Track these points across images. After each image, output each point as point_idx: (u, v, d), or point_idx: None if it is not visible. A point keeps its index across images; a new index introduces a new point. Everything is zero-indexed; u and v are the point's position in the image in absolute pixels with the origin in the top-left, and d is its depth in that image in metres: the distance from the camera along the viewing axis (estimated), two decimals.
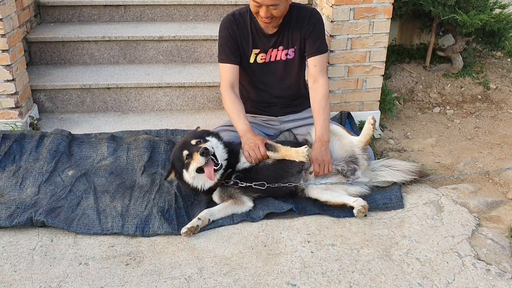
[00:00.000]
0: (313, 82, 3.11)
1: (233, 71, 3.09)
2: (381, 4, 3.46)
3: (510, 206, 2.98)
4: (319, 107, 3.05)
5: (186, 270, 2.46)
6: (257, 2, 2.87)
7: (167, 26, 4.42)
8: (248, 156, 2.88)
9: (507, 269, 2.47)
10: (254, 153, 2.87)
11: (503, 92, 4.50)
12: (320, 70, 3.12)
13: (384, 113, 3.96)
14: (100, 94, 3.94)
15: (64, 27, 4.36)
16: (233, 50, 3.09)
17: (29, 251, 2.58)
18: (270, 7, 2.87)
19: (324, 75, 3.13)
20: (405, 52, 4.95)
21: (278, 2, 2.86)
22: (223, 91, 3.08)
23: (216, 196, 2.89)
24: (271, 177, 2.87)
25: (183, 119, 3.89)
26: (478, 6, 4.26)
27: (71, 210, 2.83)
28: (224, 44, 3.11)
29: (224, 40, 3.11)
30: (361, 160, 2.99)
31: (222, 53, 3.11)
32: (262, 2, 2.85)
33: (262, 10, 2.89)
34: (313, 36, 3.11)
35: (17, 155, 3.26)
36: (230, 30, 3.09)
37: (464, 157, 3.55)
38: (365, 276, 2.42)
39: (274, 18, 2.95)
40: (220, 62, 3.12)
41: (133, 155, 3.28)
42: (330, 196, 2.87)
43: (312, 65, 3.12)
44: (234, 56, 3.09)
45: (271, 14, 2.91)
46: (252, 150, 2.87)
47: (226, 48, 3.10)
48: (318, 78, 3.10)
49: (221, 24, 3.15)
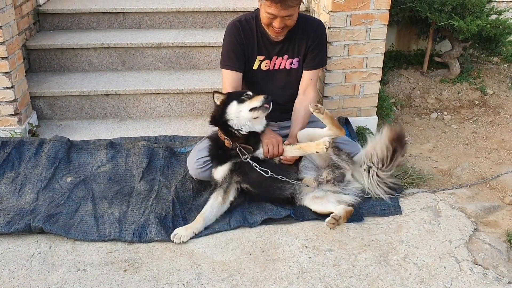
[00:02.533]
0: (303, 93, 3.18)
1: (236, 78, 3.11)
2: (377, 10, 3.48)
3: (507, 211, 2.99)
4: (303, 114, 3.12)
5: (184, 276, 2.46)
6: (272, 14, 2.85)
7: (166, 33, 4.45)
8: (266, 151, 2.89)
9: (504, 273, 2.48)
10: (272, 148, 2.89)
11: (500, 97, 4.52)
12: (313, 83, 3.19)
13: (381, 118, 3.97)
14: (99, 101, 3.96)
15: (63, 35, 4.39)
16: (238, 57, 3.10)
17: (27, 258, 2.59)
18: (286, 17, 2.88)
19: (314, 88, 3.21)
20: (402, 58, 4.98)
21: (293, 12, 2.87)
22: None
23: (219, 173, 2.90)
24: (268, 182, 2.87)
25: (181, 126, 3.91)
26: (475, 12, 4.29)
27: (70, 217, 2.84)
28: (230, 50, 3.11)
29: (230, 46, 3.11)
30: (341, 163, 2.95)
31: (227, 59, 3.11)
32: (277, 14, 2.84)
33: (277, 21, 2.89)
34: (317, 50, 3.15)
35: (16, 161, 3.27)
36: (237, 36, 3.09)
37: (461, 162, 3.56)
38: (363, 281, 2.43)
39: (286, 27, 2.97)
40: (223, 68, 3.13)
41: (131, 162, 3.29)
42: (319, 206, 2.87)
43: (308, 78, 3.18)
44: (239, 63, 3.10)
45: (284, 24, 2.92)
46: (272, 145, 2.90)
47: (231, 54, 3.10)
48: (309, 90, 3.17)
49: (227, 30, 3.15)
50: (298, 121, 3.13)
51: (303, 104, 3.14)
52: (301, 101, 3.17)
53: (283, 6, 2.80)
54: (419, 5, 4.28)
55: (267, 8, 2.85)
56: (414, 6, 4.30)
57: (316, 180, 2.90)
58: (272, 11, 2.83)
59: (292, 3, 2.81)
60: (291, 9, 2.84)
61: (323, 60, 3.24)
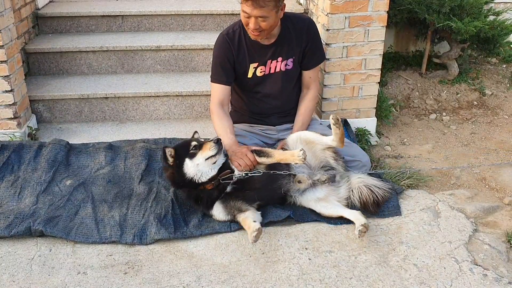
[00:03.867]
0: (305, 91, 3.30)
1: (223, 91, 3.14)
2: (376, 12, 3.49)
3: (506, 211, 3.00)
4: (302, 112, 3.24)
5: (184, 278, 2.46)
6: (246, 12, 2.89)
7: (165, 36, 4.45)
8: (238, 166, 2.86)
9: (504, 274, 2.48)
10: (243, 161, 2.86)
11: (499, 98, 4.53)
12: (314, 79, 3.28)
13: (380, 120, 3.98)
14: (98, 104, 3.96)
15: (62, 38, 4.39)
16: (225, 71, 3.13)
17: (27, 261, 2.58)
18: (259, 18, 2.88)
19: (316, 84, 3.31)
20: (401, 59, 4.99)
21: (267, 14, 2.86)
22: (212, 108, 3.14)
23: (219, 210, 2.82)
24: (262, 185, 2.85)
25: (181, 128, 3.91)
26: (473, 13, 4.29)
27: (70, 219, 2.84)
28: (217, 64, 3.14)
29: (217, 60, 3.14)
30: (336, 166, 2.96)
31: (215, 73, 3.16)
32: (250, 13, 2.87)
33: (251, 21, 2.90)
34: (313, 49, 3.18)
35: (16, 165, 3.27)
36: (225, 50, 3.12)
37: (460, 162, 3.57)
38: (363, 283, 2.43)
39: (263, 31, 2.95)
40: (212, 81, 3.17)
41: (130, 164, 3.29)
42: (324, 209, 2.87)
43: (307, 76, 3.25)
44: (226, 76, 3.13)
45: (259, 26, 2.91)
46: (241, 159, 2.87)
47: (219, 68, 3.13)
48: (311, 85, 3.28)
49: (215, 44, 3.17)
50: (297, 119, 3.25)
51: (303, 102, 3.26)
52: (302, 98, 3.29)
53: (254, 5, 2.83)
54: (417, 6, 4.29)
55: (243, 6, 2.90)
56: (412, 7, 4.31)
57: (309, 178, 2.90)
58: (246, 9, 2.88)
59: (264, 3, 2.83)
60: (264, 9, 2.84)
61: (321, 57, 3.31)
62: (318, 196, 2.89)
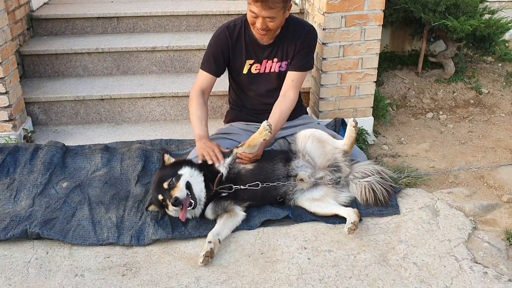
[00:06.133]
0: (284, 93, 3.13)
1: (208, 81, 3.16)
2: (372, 11, 3.48)
3: (505, 209, 3.00)
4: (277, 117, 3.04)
5: (182, 280, 2.44)
6: (253, 12, 2.88)
7: (160, 37, 4.44)
8: (201, 157, 2.87)
9: (504, 271, 2.47)
10: (207, 153, 2.86)
11: (495, 96, 4.54)
12: (295, 85, 3.16)
13: (377, 119, 3.98)
14: (94, 106, 3.94)
15: (57, 40, 4.37)
16: (216, 62, 3.14)
17: (24, 264, 2.56)
18: (267, 19, 2.89)
19: (296, 90, 3.16)
20: (397, 58, 4.99)
21: (275, 15, 2.88)
22: (193, 94, 3.13)
23: (209, 211, 2.82)
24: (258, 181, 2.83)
25: (177, 129, 3.89)
26: (468, 12, 4.30)
27: (66, 222, 2.82)
28: (210, 53, 3.15)
29: (211, 49, 3.16)
30: (344, 167, 2.95)
31: (206, 61, 3.16)
32: (258, 13, 2.87)
33: (259, 21, 2.90)
34: (304, 52, 3.15)
35: (11, 168, 3.24)
36: (221, 42, 3.12)
37: (458, 161, 3.56)
38: (363, 282, 2.42)
39: (270, 30, 2.97)
40: (201, 68, 3.19)
41: (127, 165, 3.27)
42: (318, 208, 2.86)
43: (290, 79, 3.16)
44: (216, 67, 3.14)
45: (266, 26, 2.93)
46: (206, 151, 2.87)
47: (211, 58, 3.14)
48: (289, 91, 3.13)
49: (214, 34, 3.18)
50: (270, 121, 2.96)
51: (280, 106, 3.09)
52: (279, 102, 3.12)
53: (263, 6, 2.82)
54: (413, 5, 4.29)
55: (250, 6, 2.89)
56: (408, 6, 4.31)
57: (311, 176, 2.89)
58: (254, 9, 2.87)
59: (273, 4, 2.83)
60: (272, 10, 2.85)
61: (309, 64, 3.20)
62: (314, 197, 2.88)
